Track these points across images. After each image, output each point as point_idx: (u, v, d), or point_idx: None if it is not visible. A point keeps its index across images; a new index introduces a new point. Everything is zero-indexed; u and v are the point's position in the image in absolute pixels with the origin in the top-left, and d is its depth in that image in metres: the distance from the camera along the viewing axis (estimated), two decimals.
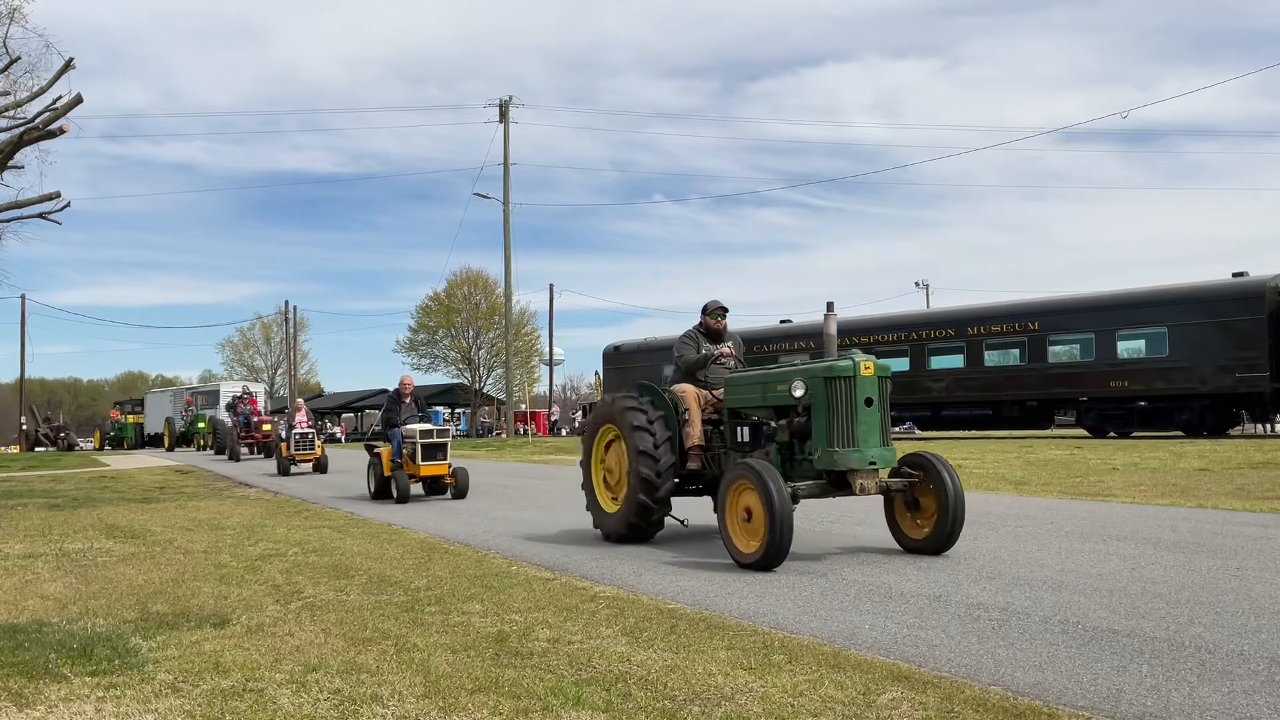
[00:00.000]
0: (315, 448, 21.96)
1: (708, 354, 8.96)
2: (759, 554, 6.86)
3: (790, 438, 7.67)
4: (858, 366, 7.29)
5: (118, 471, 24.79)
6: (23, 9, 22.04)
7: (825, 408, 7.29)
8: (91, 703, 4.14)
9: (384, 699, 4.06)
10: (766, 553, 6.80)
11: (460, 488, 14.16)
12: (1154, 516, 9.54)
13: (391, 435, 14.69)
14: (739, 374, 8.59)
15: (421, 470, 14.17)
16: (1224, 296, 24.56)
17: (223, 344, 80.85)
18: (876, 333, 31.45)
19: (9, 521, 12.17)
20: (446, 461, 14.45)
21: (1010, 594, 5.91)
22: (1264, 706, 3.69)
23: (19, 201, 21.90)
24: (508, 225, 40.24)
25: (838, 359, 7.46)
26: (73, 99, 19.74)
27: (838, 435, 7.23)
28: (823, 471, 7.36)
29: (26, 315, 59.84)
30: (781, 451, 7.78)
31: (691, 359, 9.02)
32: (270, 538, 9.82)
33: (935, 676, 4.19)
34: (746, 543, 7.07)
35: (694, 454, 8.52)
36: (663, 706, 3.86)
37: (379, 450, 14.81)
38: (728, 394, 8.46)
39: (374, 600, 6.30)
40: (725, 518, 7.27)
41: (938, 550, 7.38)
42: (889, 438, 7.40)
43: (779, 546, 6.79)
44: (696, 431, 8.53)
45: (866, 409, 7.24)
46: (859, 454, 7.17)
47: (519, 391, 47.81)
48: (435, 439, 14.36)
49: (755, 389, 8.07)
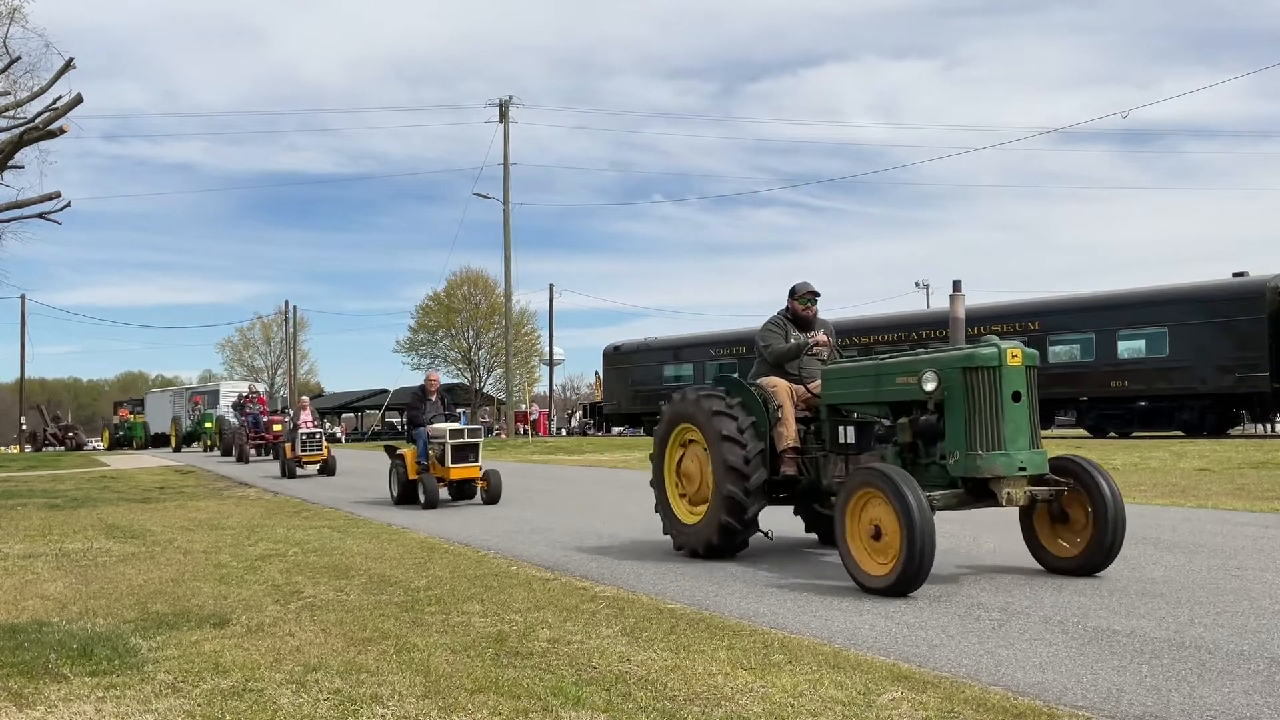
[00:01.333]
0: (323, 448, 20.88)
1: (800, 343, 7.86)
2: (891, 577, 5.84)
3: (912, 438, 6.64)
4: (1003, 354, 6.23)
5: (117, 471, 24.79)
6: (23, 9, 22.01)
7: (963, 404, 6.25)
8: (91, 703, 4.14)
9: (384, 699, 4.06)
10: (902, 575, 5.77)
11: (493, 492, 13.12)
12: (1154, 516, 9.53)
13: (416, 435, 13.67)
14: (841, 365, 7.51)
15: (451, 473, 13.09)
16: (1224, 296, 24.57)
17: (222, 344, 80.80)
18: (876, 333, 31.53)
19: (9, 521, 12.17)
20: (478, 464, 13.39)
21: (1010, 594, 5.91)
22: (1264, 706, 3.69)
23: (19, 201, 21.88)
24: (508, 225, 40.26)
25: (979, 346, 6.36)
26: (73, 99, 19.72)
27: (980, 436, 6.19)
28: (958, 479, 6.32)
29: (26, 315, 59.88)
30: (901, 455, 6.72)
31: (781, 349, 7.93)
32: (270, 538, 9.82)
33: (935, 676, 4.19)
34: (874, 563, 6.05)
35: (788, 458, 7.45)
36: (663, 706, 3.86)
37: (402, 452, 13.80)
38: (827, 388, 7.41)
39: (374, 600, 6.30)
40: (846, 533, 6.20)
41: (1091, 570, 6.35)
42: (1039, 439, 6.38)
43: (918, 568, 5.74)
44: (791, 432, 7.47)
45: (1014, 404, 6.21)
46: (1006, 458, 6.13)
47: (519, 391, 47.80)
48: (466, 439, 13.27)
49: (864, 382, 7.05)
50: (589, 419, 53.47)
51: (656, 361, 40.38)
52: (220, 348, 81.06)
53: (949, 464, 6.36)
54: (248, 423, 28.71)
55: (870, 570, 6.04)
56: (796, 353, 7.86)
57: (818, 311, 8.25)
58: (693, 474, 7.81)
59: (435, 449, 13.37)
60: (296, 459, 20.54)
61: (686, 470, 7.90)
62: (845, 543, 6.22)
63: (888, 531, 5.91)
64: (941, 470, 6.46)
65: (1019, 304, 29.91)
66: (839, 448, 7.31)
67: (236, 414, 31.09)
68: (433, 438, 13.44)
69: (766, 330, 8.11)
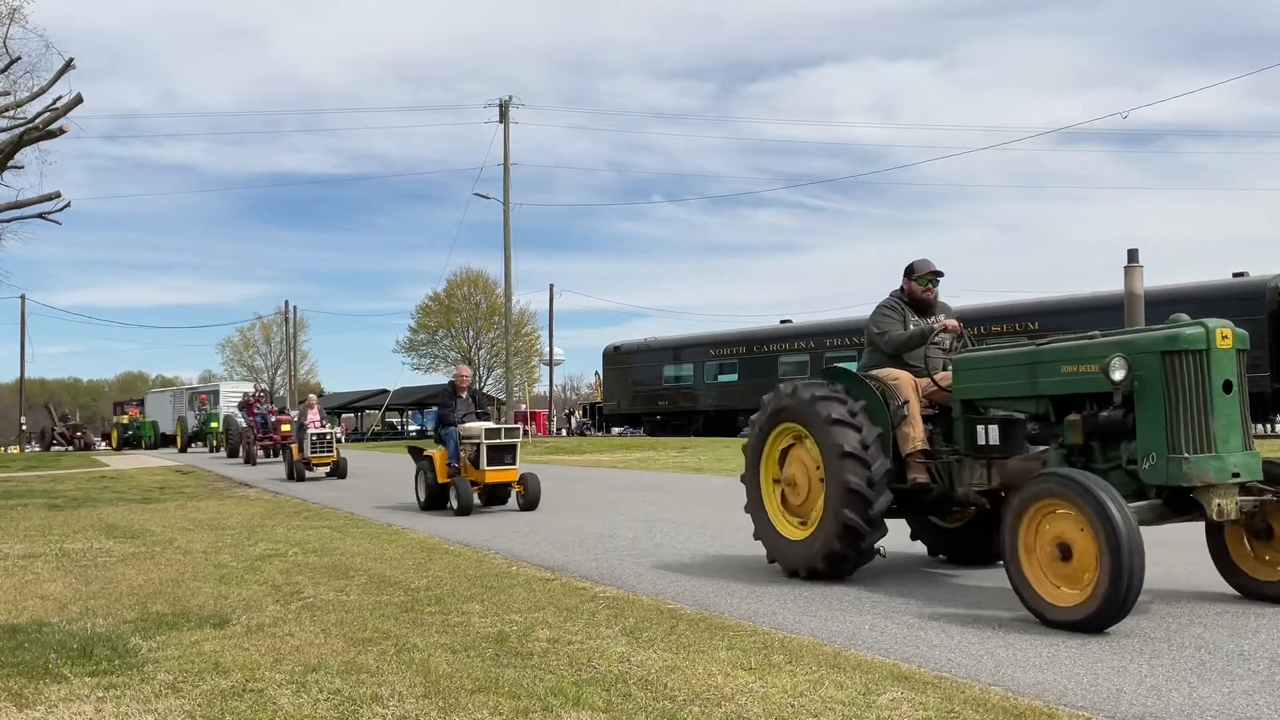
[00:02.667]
0: (334, 450, 19.75)
1: (926, 328, 6.84)
2: (1088, 608, 4.82)
3: (1084, 439, 5.56)
4: (1211, 335, 5.21)
5: (117, 472, 24.79)
6: (23, 9, 22.05)
7: (1162, 396, 5.22)
8: (91, 703, 4.14)
9: (384, 699, 4.06)
10: (1103, 607, 4.76)
11: (530, 497, 12.09)
12: None
13: (446, 435, 12.65)
14: (979, 353, 6.45)
15: (487, 477, 12.08)
16: (1224, 296, 24.58)
17: (222, 344, 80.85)
18: None
19: (9, 521, 12.17)
20: (515, 466, 12.35)
21: (1010, 594, 5.90)
22: (1264, 706, 3.69)
23: (19, 201, 21.91)
24: (508, 225, 40.26)
25: (1179, 325, 5.33)
26: (73, 99, 19.75)
27: (1185, 435, 5.15)
28: (1152, 488, 5.27)
29: (26, 315, 59.88)
30: (1069, 458, 5.66)
31: (902, 336, 6.91)
32: (270, 538, 9.82)
33: (935, 676, 4.19)
34: (1058, 590, 5.03)
35: (914, 462, 6.43)
36: (663, 707, 3.86)
37: (429, 454, 12.73)
38: (960, 380, 6.35)
39: (374, 600, 6.30)
40: (1019, 553, 5.19)
41: None
42: (1251, 438, 5.36)
43: (1124, 597, 4.72)
44: (918, 432, 6.44)
45: (1224, 396, 5.19)
46: (1218, 461, 5.09)
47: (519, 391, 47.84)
48: (503, 439, 12.26)
49: (1015, 372, 5.98)
50: (588, 419, 53.48)
51: (656, 361, 40.41)
52: (220, 348, 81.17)
53: (1142, 469, 5.29)
54: (255, 423, 27.52)
55: (1054, 599, 5.01)
56: (921, 339, 6.84)
57: (938, 294, 7.25)
58: (798, 482, 6.73)
59: (468, 450, 12.36)
60: (305, 461, 19.49)
61: (791, 476, 6.82)
62: (1018, 565, 5.18)
63: (1081, 552, 4.88)
64: (1126, 477, 5.40)
65: (1019, 304, 29.93)
66: (977, 450, 6.23)
67: (243, 414, 29.97)
68: (465, 438, 12.42)
69: (881, 315, 7.09)
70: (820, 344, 33.78)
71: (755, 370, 35.48)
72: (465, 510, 11.68)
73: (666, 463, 21.31)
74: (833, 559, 6.39)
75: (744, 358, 36.93)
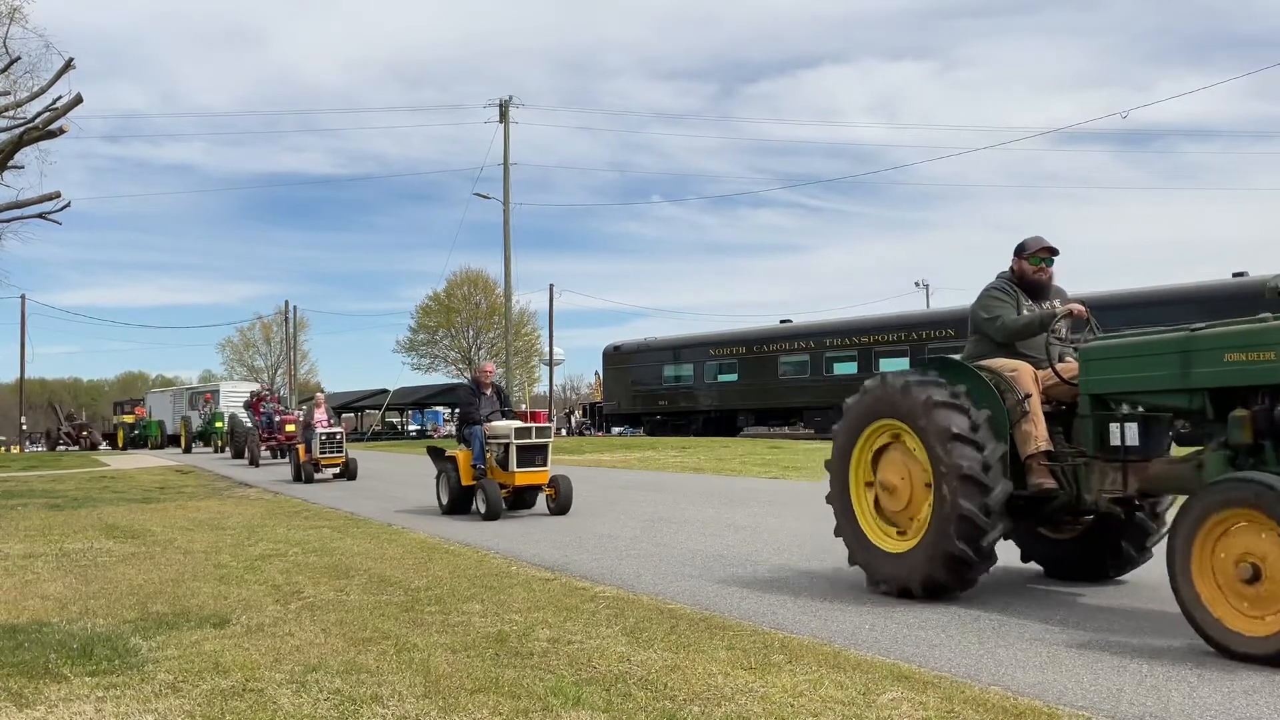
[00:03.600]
0: (343, 450, 18.84)
1: (1047, 313, 6.05)
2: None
3: (1254, 438, 4.78)
4: None
5: (117, 471, 24.78)
6: (23, 9, 22.10)
7: None
8: (91, 703, 4.14)
9: (384, 699, 4.06)
10: None
11: (562, 501, 11.31)
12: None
13: (470, 435, 11.85)
14: (1113, 341, 5.66)
15: (516, 479, 11.30)
16: (1224, 296, 24.56)
17: (222, 344, 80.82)
18: (876, 333, 31.77)
19: (9, 521, 12.17)
20: (547, 468, 11.57)
21: (1010, 594, 5.91)
22: (1264, 706, 3.70)
23: (19, 201, 21.92)
24: (508, 225, 40.25)
25: None
26: (73, 99, 19.76)
27: None
28: None
29: (26, 315, 59.81)
30: (1235, 460, 4.91)
31: (1017, 322, 6.08)
32: (270, 538, 9.82)
33: (935, 676, 4.19)
34: (1247, 618, 4.34)
35: (1037, 465, 5.68)
36: (663, 706, 3.86)
37: (452, 454, 11.97)
38: (1090, 372, 5.56)
39: (374, 600, 6.30)
40: (1192, 573, 4.51)
41: None
42: None
43: None
44: (1041, 431, 5.71)
45: None
46: None
47: (519, 391, 47.85)
48: (534, 439, 11.40)
49: (1162, 362, 5.19)
50: (587, 419, 53.47)
51: (656, 361, 40.38)
52: (220, 348, 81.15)
53: None
54: (261, 423, 26.50)
55: (1240, 627, 4.33)
56: (1041, 325, 6.04)
57: (1053, 276, 6.42)
58: (896, 487, 6.00)
59: (495, 450, 11.58)
60: (314, 462, 18.51)
61: (887, 481, 6.08)
62: (1191, 586, 4.50)
63: (1274, 572, 4.23)
64: None
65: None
66: (1110, 452, 5.47)
67: (248, 414, 29.14)
68: (492, 437, 11.60)
69: (990, 299, 6.25)
70: (820, 344, 33.79)
71: (755, 370, 35.46)
72: (494, 515, 10.98)
73: (666, 462, 21.30)
74: (951, 563, 5.60)
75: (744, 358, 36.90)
